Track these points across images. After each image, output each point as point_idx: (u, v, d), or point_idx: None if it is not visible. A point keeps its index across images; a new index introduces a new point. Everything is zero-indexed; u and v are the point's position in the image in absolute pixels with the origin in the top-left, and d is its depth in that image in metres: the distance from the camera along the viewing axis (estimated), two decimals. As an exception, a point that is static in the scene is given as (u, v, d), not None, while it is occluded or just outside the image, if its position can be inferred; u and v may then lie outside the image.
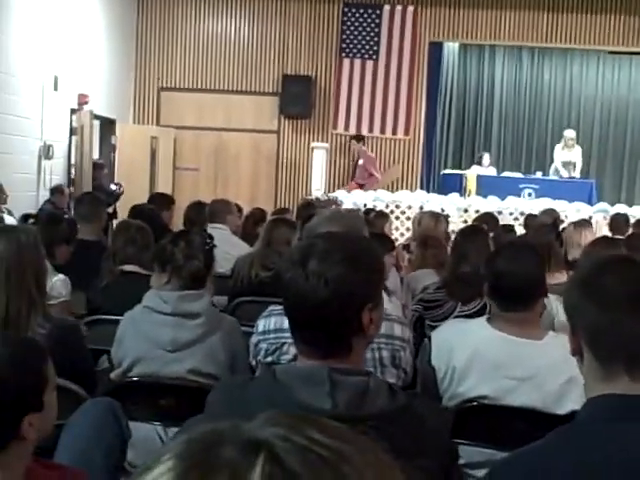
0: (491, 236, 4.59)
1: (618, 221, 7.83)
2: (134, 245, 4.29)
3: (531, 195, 11.97)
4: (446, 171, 13.88)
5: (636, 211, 10.10)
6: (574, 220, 7.03)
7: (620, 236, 6.59)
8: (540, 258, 2.94)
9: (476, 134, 15.76)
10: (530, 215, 8.73)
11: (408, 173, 13.15)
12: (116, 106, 12.45)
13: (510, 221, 9.79)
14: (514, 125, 15.80)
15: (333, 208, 8.17)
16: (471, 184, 12.10)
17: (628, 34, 12.78)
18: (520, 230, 8.39)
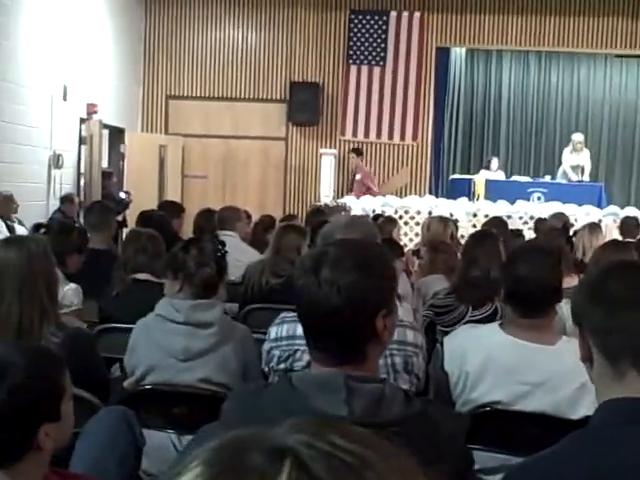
0: (501, 240, 4.58)
1: (628, 224, 7.81)
2: (145, 253, 4.29)
3: (540, 199, 11.92)
4: (455, 176, 13.86)
5: (646, 214, 10.07)
6: (587, 223, 7.00)
7: (631, 239, 6.58)
8: (558, 264, 2.93)
9: (484, 139, 15.75)
10: (540, 219, 8.72)
11: (417, 178, 13.14)
12: (125, 115, 12.50)
13: (519, 225, 9.78)
14: (522, 129, 15.78)
15: (348, 214, 8.18)
16: (480, 188, 12.10)
17: (635, 37, 12.76)
18: (529, 234, 8.38)
